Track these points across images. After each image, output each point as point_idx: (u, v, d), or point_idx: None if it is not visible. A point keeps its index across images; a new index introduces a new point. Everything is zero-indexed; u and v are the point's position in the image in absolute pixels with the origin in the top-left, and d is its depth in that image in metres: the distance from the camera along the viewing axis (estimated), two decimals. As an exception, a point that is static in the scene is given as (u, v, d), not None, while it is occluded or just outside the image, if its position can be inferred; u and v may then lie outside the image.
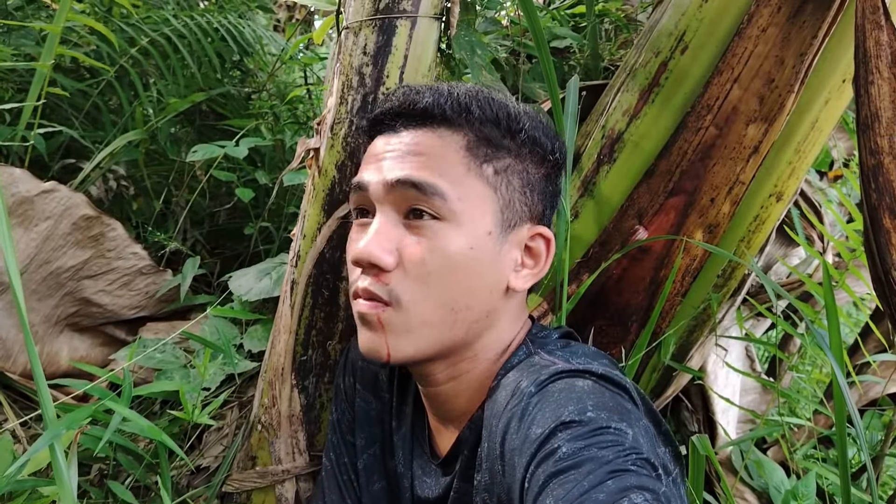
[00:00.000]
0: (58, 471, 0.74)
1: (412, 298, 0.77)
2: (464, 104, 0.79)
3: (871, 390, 1.54)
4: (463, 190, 0.77)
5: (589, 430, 0.62)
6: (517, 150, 0.82)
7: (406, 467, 0.94)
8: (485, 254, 0.78)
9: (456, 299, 0.78)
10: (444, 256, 0.76)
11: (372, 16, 1.05)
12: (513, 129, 0.81)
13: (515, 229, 0.82)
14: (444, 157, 0.78)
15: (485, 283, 0.79)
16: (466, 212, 0.77)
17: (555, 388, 0.70)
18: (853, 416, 0.94)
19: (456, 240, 0.76)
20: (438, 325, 0.78)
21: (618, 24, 2.04)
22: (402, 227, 0.78)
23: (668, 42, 1.20)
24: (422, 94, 0.81)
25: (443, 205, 0.76)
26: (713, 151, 1.15)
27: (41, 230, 1.34)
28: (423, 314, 0.78)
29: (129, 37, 1.83)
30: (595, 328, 1.23)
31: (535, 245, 0.84)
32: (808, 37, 1.08)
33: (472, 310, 0.79)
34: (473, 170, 0.78)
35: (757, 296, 1.49)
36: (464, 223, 0.77)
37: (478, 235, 0.78)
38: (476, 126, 0.80)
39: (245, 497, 1.15)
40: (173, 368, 1.27)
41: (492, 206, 0.79)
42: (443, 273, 0.77)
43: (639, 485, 0.55)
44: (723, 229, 1.19)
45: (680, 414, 1.52)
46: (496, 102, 0.82)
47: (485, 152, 0.79)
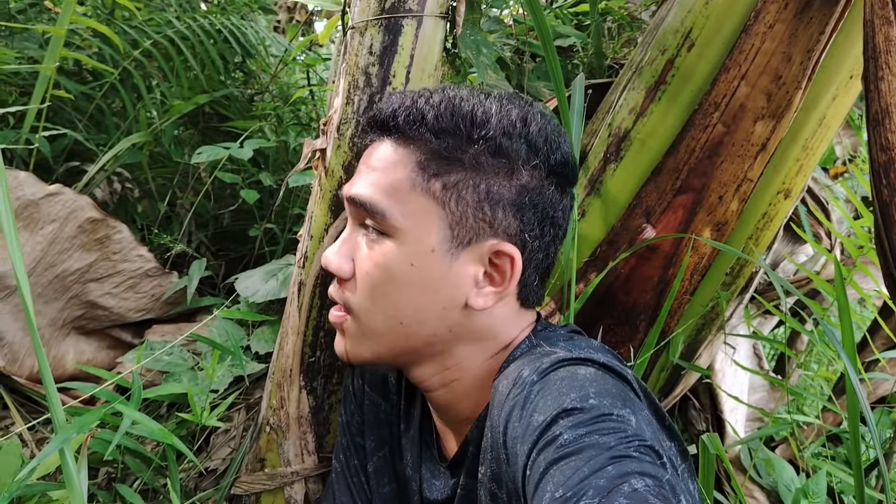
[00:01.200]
0: (68, 475, 0.74)
1: (361, 308, 0.80)
2: (418, 115, 0.76)
3: (879, 387, 1.53)
4: (407, 207, 0.76)
5: (591, 416, 0.61)
6: (474, 162, 0.76)
7: (414, 470, 0.93)
8: (429, 271, 0.77)
9: (403, 314, 0.79)
10: (385, 271, 0.77)
11: (378, 15, 1.05)
12: (472, 137, 0.76)
13: (472, 246, 0.77)
14: (393, 172, 0.77)
15: (435, 300, 0.78)
16: (410, 229, 0.76)
17: (556, 375, 0.69)
18: (866, 413, 0.93)
19: (397, 256, 0.77)
20: (389, 335, 0.80)
21: (621, 23, 2.04)
22: (361, 237, 0.80)
23: (675, 39, 1.19)
24: (387, 103, 0.80)
25: (384, 222, 0.76)
26: (721, 149, 1.14)
27: (46, 233, 1.34)
28: (371, 325, 0.80)
29: (131, 39, 1.83)
30: (603, 327, 1.22)
31: (500, 262, 0.79)
32: (815, 33, 1.08)
33: (426, 325, 0.79)
34: (419, 185, 0.76)
35: (764, 294, 1.49)
36: (407, 240, 0.76)
37: (420, 252, 0.76)
38: (429, 138, 0.76)
39: (254, 499, 1.14)
40: (181, 371, 1.27)
41: (438, 222, 0.76)
42: (385, 287, 0.78)
43: (640, 471, 0.54)
44: (731, 227, 1.18)
45: (688, 413, 1.52)
46: (461, 110, 0.76)
47: (435, 167, 0.76)
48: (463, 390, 0.83)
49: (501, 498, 0.73)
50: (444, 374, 0.83)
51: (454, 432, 0.89)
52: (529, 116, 0.80)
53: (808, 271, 1.25)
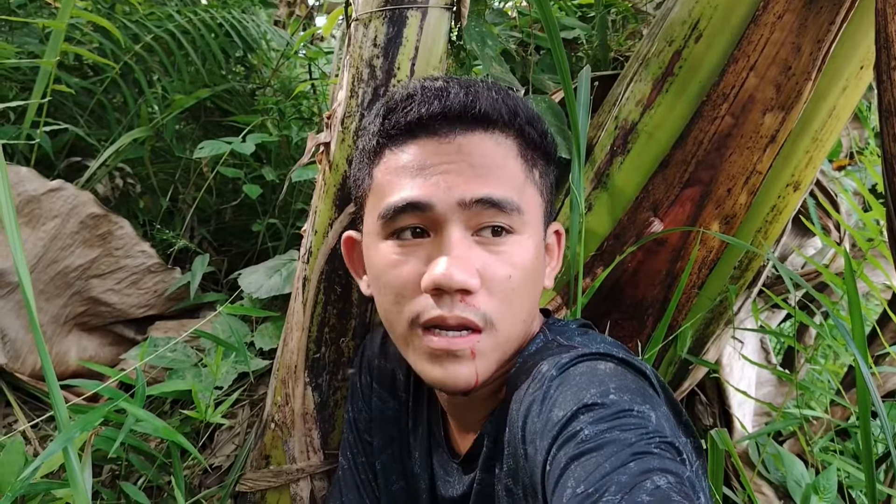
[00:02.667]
0: (72, 474, 0.73)
1: (502, 318, 0.74)
2: (512, 105, 0.76)
3: (888, 381, 1.52)
4: (525, 199, 0.76)
5: (611, 412, 0.60)
6: (547, 150, 0.82)
7: (423, 468, 0.92)
8: (539, 258, 0.79)
9: (529, 309, 0.78)
10: (524, 269, 0.75)
11: (382, 6, 1.04)
12: (545, 130, 0.81)
13: (546, 229, 0.82)
14: (507, 166, 0.74)
15: (538, 287, 0.80)
16: (530, 221, 0.77)
17: (576, 371, 0.68)
18: (878, 406, 0.92)
19: (529, 250, 0.75)
20: (515, 339, 0.77)
21: (625, 15, 2.02)
22: (476, 244, 0.73)
23: (682, 30, 1.18)
24: (472, 93, 0.75)
25: (518, 219, 0.74)
26: (729, 141, 1.13)
27: (48, 229, 1.33)
28: (509, 331, 0.75)
29: (132, 34, 1.82)
30: (611, 322, 1.21)
31: (551, 241, 0.84)
32: (825, 23, 1.06)
33: (531, 314, 0.80)
34: (528, 176, 0.77)
35: (772, 287, 1.48)
36: (531, 233, 0.77)
37: (539, 242, 0.78)
38: (524, 128, 0.77)
39: (259, 496, 1.14)
40: (185, 367, 1.26)
41: (540, 209, 0.80)
42: (524, 286, 0.75)
43: (662, 467, 0.54)
44: (739, 220, 1.17)
45: (695, 408, 1.51)
46: (518, 102, 0.79)
47: (532, 156, 0.78)
48: (489, 388, 0.82)
49: (517, 493, 0.73)
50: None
51: (467, 429, 0.88)
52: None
53: (817, 264, 1.24)
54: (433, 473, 0.92)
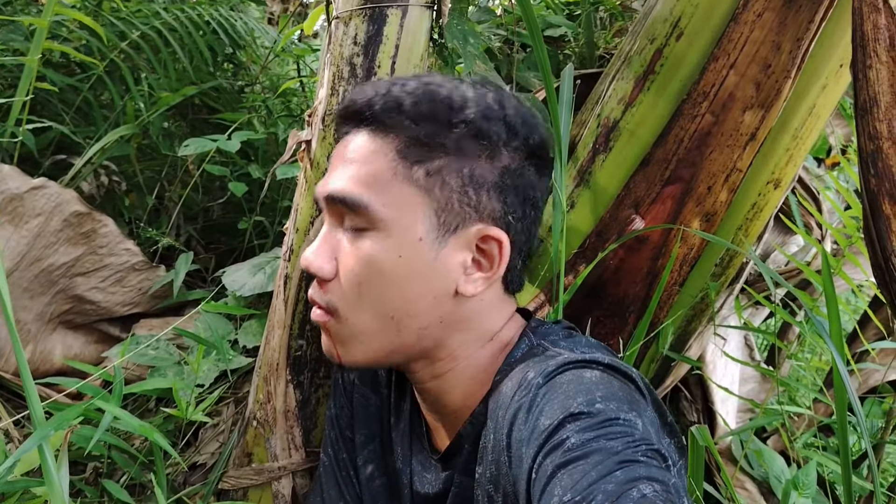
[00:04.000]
0: (47, 471, 0.73)
1: (348, 309, 0.78)
2: (394, 102, 0.75)
3: (870, 378, 1.53)
4: (390, 197, 0.75)
5: (598, 421, 0.61)
6: (456, 146, 0.76)
7: (405, 463, 0.93)
8: (418, 261, 0.76)
9: (394, 308, 0.77)
10: (373, 266, 0.75)
11: (362, 5, 1.04)
12: (452, 122, 0.75)
13: (459, 231, 0.77)
14: (373, 163, 0.75)
15: (425, 290, 0.77)
16: (395, 219, 0.75)
17: (563, 379, 0.69)
18: (854, 403, 0.93)
19: (384, 249, 0.75)
20: (380, 333, 0.78)
21: (613, 12, 2.03)
22: (342, 235, 0.78)
23: (664, 28, 1.18)
24: (360, 93, 0.78)
25: (367, 214, 0.75)
26: (710, 139, 1.13)
27: (32, 227, 1.32)
28: (360, 324, 0.78)
29: (119, 31, 1.81)
30: (592, 319, 1.21)
31: (487, 247, 0.78)
32: (804, 21, 1.07)
33: (418, 317, 0.78)
34: (401, 174, 0.75)
35: (755, 284, 1.48)
36: (393, 231, 0.75)
37: (408, 242, 0.75)
38: (408, 125, 0.75)
39: (242, 494, 1.14)
40: (167, 365, 1.26)
41: (424, 210, 0.75)
42: (374, 283, 0.76)
43: (648, 475, 0.54)
44: (720, 217, 1.18)
45: (679, 404, 1.51)
46: (438, 95, 0.76)
47: (416, 153, 0.75)
48: (453, 381, 0.83)
49: (497, 501, 0.73)
50: (435, 366, 0.82)
51: (444, 425, 0.88)
52: (505, 99, 0.80)
53: (797, 262, 1.25)
54: (412, 469, 0.92)
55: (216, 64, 2.11)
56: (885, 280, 0.89)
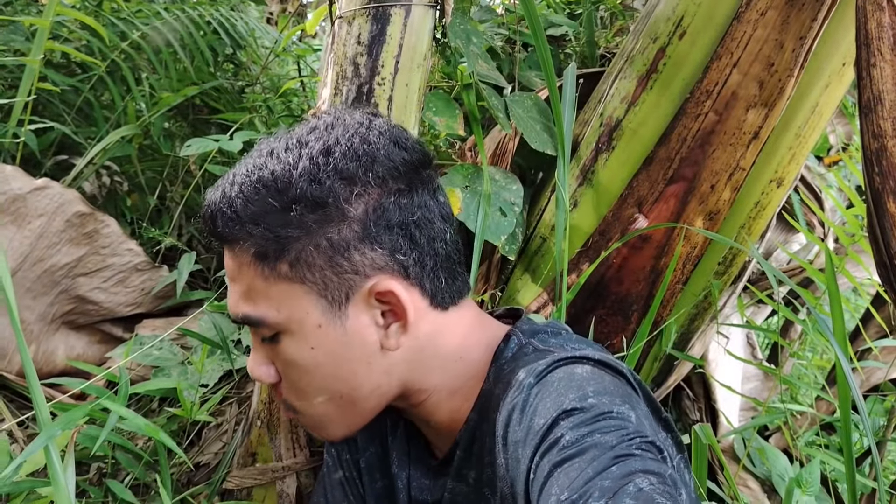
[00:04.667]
0: (53, 472, 0.73)
1: (300, 404, 0.80)
2: (231, 213, 0.72)
3: (873, 375, 1.53)
4: (274, 301, 0.73)
5: (591, 416, 0.61)
6: (300, 227, 0.71)
7: (400, 468, 0.93)
8: (330, 344, 0.74)
9: (338, 389, 0.78)
10: (298, 365, 0.76)
11: (366, 4, 1.04)
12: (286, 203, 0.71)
13: (352, 299, 0.74)
14: (243, 278, 0.74)
15: (353, 363, 0.76)
16: (289, 318, 0.74)
17: (554, 377, 0.69)
18: (857, 401, 0.93)
19: (297, 347, 0.75)
20: (340, 412, 0.80)
21: (614, 11, 2.03)
22: (265, 345, 0.79)
23: (666, 27, 1.18)
24: (206, 207, 0.75)
25: (268, 325, 0.74)
26: (713, 138, 1.14)
27: (34, 228, 1.32)
28: (318, 413, 0.80)
29: (120, 31, 1.81)
30: (595, 318, 1.22)
31: (388, 298, 0.74)
32: (807, 19, 1.07)
33: (364, 386, 0.78)
34: (270, 276, 0.72)
35: (757, 283, 1.49)
36: (295, 329, 0.74)
37: (312, 333, 0.74)
38: (251, 230, 0.72)
39: (246, 493, 1.14)
40: (171, 365, 1.26)
41: (307, 297, 0.73)
42: (305, 379, 0.77)
43: (644, 468, 0.54)
44: (723, 216, 1.18)
45: (682, 402, 1.52)
46: (264, 182, 0.71)
47: (272, 252, 0.72)
48: (434, 405, 0.82)
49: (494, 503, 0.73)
50: (410, 399, 0.82)
51: (440, 436, 0.88)
52: (332, 143, 0.73)
53: (800, 260, 1.25)
54: (409, 475, 0.92)
55: (217, 64, 2.10)
56: (889, 277, 0.89)
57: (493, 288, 1.34)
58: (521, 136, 1.25)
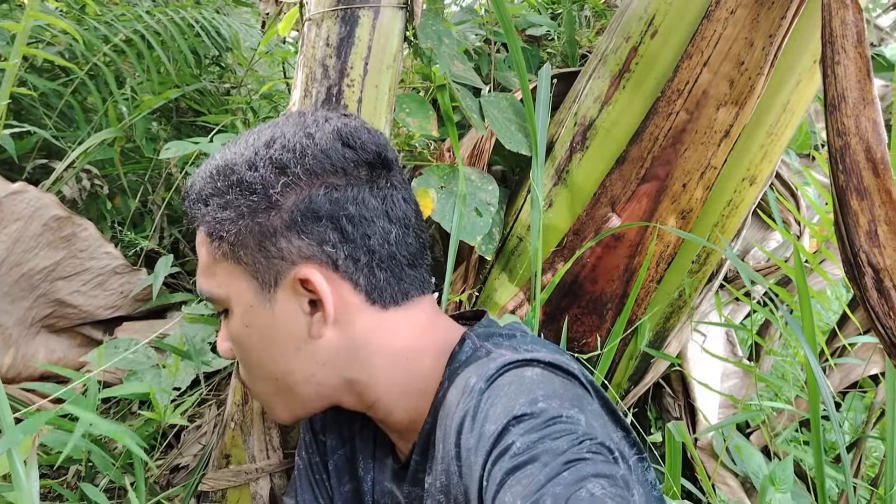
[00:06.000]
0: (16, 477, 0.73)
1: (248, 381, 0.86)
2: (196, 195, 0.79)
3: (852, 372, 1.53)
4: (218, 279, 0.79)
5: (541, 421, 0.61)
6: (237, 211, 0.75)
7: (366, 471, 0.93)
8: (259, 325, 0.78)
9: (271, 371, 0.81)
10: (237, 341, 0.82)
11: (334, 6, 1.04)
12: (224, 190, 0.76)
13: (280, 284, 0.76)
14: (201, 256, 0.81)
15: (282, 346, 0.79)
16: (228, 295, 0.79)
17: (504, 381, 0.68)
18: (826, 399, 0.93)
19: (235, 324, 0.80)
20: (277, 395, 0.83)
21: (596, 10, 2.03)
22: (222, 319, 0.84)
23: (639, 27, 1.18)
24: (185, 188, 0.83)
25: (215, 301, 0.81)
26: (684, 136, 1.14)
27: (11, 232, 1.32)
28: (261, 392, 0.85)
29: (103, 35, 1.81)
30: (570, 317, 1.22)
31: (312, 288, 0.75)
32: (777, 18, 1.07)
33: (295, 372, 0.80)
34: (215, 254, 0.78)
35: (735, 280, 1.49)
36: (233, 307, 0.79)
37: (245, 312, 0.79)
38: (205, 211, 0.78)
39: (220, 495, 1.14)
40: (144, 369, 1.26)
41: (242, 278, 0.78)
42: (245, 355, 0.82)
43: (595, 472, 0.54)
44: (696, 215, 1.18)
45: (662, 400, 1.52)
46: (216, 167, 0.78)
47: (217, 231, 0.77)
48: (388, 406, 0.82)
49: None
50: (362, 399, 0.82)
51: (401, 439, 0.88)
52: (277, 135, 0.77)
53: (775, 258, 1.25)
54: (374, 478, 0.93)
55: (200, 66, 2.10)
56: (854, 275, 0.89)
57: (472, 288, 1.34)
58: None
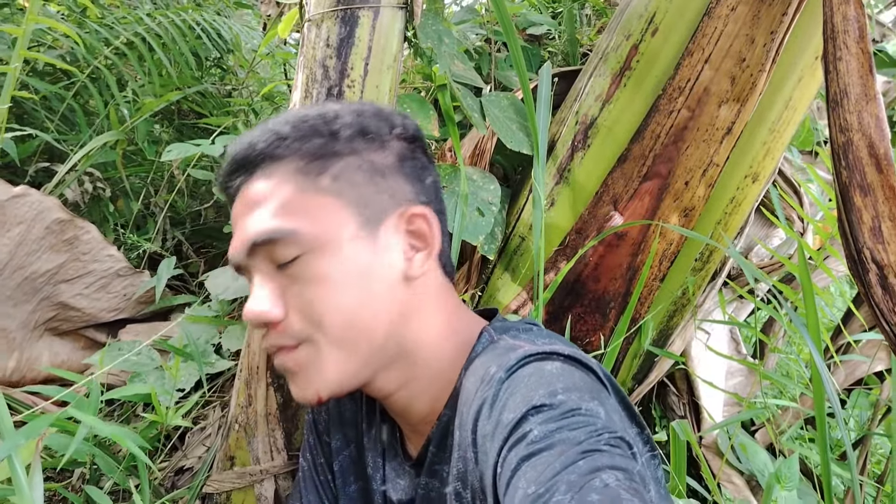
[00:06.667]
0: (17, 482, 0.73)
1: (315, 332, 0.76)
2: (275, 135, 0.78)
3: (857, 369, 1.53)
4: (310, 215, 0.75)
5: (560, 412, 0.61)
6: (347, 147, 0.79)
7: (375, 469, 0.93)
8: (360, 260, 0.76)
9: (355, 312, 0.76)
10: (324, 282, 0.75)
11: (334, 7, 1.04)
12: (333, 130, 0.78)
13: (384, 220, 0.78)
14: (277, 194, 0.76)
15: (375, 284, 0.77)
16: (323, 232, 0.75)
17: (524, 372, 0.69)
18: (832, 397, 0.93)
19: (326, 262, 0.75)
20: (352, 343, 0.77)
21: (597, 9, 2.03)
22: (278, 275, 0.77)
23: (639, 24, 1.18)
24: (238, 144, 0.80)
25: (300, 240, 0.74)
26: (686, 134, 1.13)
27: (13, 235, 1.32)
28: (331, 341, 0.76)
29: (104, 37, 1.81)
30: (573, 316, 1.21)
31: (416, 227, 0.80)
32: (778, 14, 1.07)
33: (380, 314, 0.78)
34: (309, 188, 0.76)
35: (739, 278, 1.48)
36: (326, 243, 0.75)
37: (344, 246, 0.76)
38: (297, 147, 0.77)
39: (225, 497, 1.14)
40: (148, 371, 1.26)
41: (344, 212, 0.76)
42: (330, 297, 0.75)
43: (611, 464, 0.54)
44: (699, 212, 1.18)
45: (667, 398, 1.51)
46: (308, 116, 0.80)
47: (315, 166, 0.77)
48: (420, 388, 0.82)
49: (466, 498, 0.73)
50: (401, 374, 0.81)
51: (416, 432, 0.88)
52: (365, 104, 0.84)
53: (778, 255, 1.25)
54: (385, 476, 0.92)
55: (202, 68, 2.10)
56: (858, 271, 0.89)
57: (475, 287, 1.34)
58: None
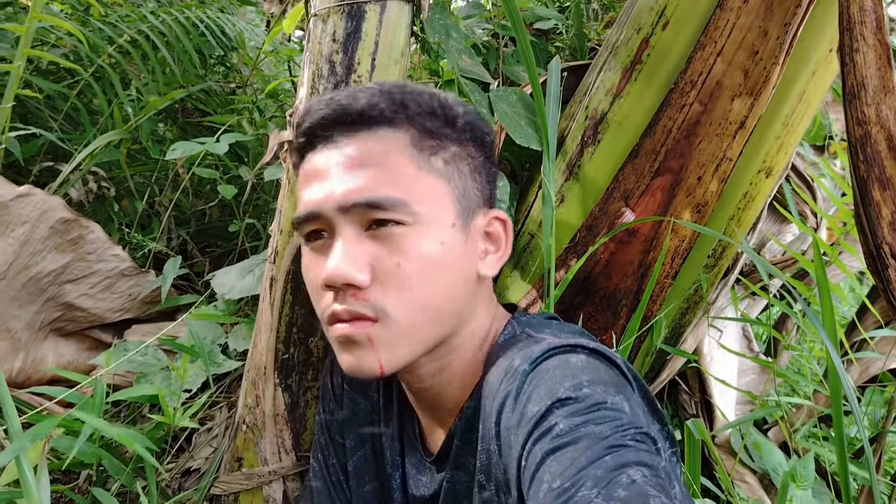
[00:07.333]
0: (25, 484, 0.72)
1: (398, 308, 0.73)
2: (398, 100, 0.77)
3: (871, 366, 1.51)
4: (419, 190, 0.75)
5: (585, 406, 0.61)
6: (459, 136, 0.80)
7: (394, 467, 0.92)
8: (455, 247, 0.77)
9: (439, 298, 0.76)
10: (418, 260, 0.73)
11: (340, 1, 1.02)
12: (449, 116, 0.79)
13: (474, 217, 0.80)
14: (391, 161, 0.74)
15: (460, 275, 0.78)
16: (429, 210, 0.75)
17: (549, 364, 0.69)
18: (848, 393, 0.91)
19: (425, 241, 0.74)
20: (426, 326, 0.76)
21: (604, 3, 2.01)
22: (367, 239, 0.74)
23: (650, 17, 1.16)
24: (354, 97, 0.77)
25: (405, 212, 0.73)
26: (698, 128, 1.12)
27: (18, 235, 1.31)
28: (411, 321, 0.74)
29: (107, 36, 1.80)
30: (584, 314, 1.20)
31: (494, 229, 0.83)
32: (791, 6, 1.05)
33: (455, 303, 0.78)
34: (424, 166, 0.76)
35: (752, 274, 1.46)
36: (429, 222, 0.74)
37: (444, 230, 0.76)
38: (415, 119, 0.77)
39: (233, 499, 1.13)
40: (154, 371, 1.25)
41: (449, 197, 0.77)
42: (421, 276, 0.74)
43: (637, 460, 0.54)
44: (711, 208, 1.16)
45: (678, 397, 1.50)
46: (428, 93, 0.80)
47: (430, 144, 0.77)
48: (450, 378, 0.82)
49: (489, 489, 0.73)
50: (442, 360, 0.81)
51: (439, 426, 0.87)
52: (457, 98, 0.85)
53: (792, 251, 1.23)
54: (405, 473, 0.92)
55: (206, 66, 2.09)
56: (876, 267, 0.87)
57: (483, 286, 1.33)
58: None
